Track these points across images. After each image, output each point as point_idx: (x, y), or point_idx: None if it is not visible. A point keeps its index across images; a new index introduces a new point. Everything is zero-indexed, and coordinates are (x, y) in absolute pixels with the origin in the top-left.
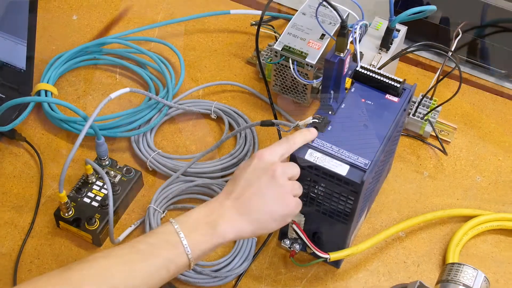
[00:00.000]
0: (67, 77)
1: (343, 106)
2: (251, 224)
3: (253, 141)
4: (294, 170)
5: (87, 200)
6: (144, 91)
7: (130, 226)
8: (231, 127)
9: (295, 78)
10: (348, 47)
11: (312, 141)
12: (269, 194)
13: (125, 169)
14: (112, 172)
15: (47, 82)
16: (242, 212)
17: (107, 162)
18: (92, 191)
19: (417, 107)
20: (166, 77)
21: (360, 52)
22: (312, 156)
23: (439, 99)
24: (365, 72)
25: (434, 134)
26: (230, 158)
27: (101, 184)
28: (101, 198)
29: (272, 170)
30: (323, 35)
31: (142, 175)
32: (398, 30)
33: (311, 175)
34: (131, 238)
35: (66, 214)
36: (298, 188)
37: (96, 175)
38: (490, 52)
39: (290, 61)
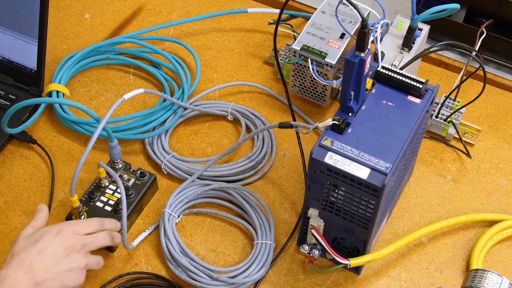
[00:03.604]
0: (79, 78)
1: (363, 107)
2: None
3: (271, 144)
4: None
5: (100, 204)
6: (159, 92)
7: (144, 231)
8: (248, 129)
9: (314, 78)
10: (369, 47)
11: (332, 144)
12: None
13: (139, 172)
14: (125, 176)
15: (59, 83)
16: None
17: (120, 165)
18: (105, 195)
19: (440, 109)
20: (182, 78)
21: (381, 52)
22: (331, 159)
23: (462, 100)
24: (387, 72)
25: (458, 137)
26: (248, 161)
27: (114, 188)
28: (114, 202)
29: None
30: (343, 34)
31: (156, 178)
32: (421, 29)
33: (330, 179)
34: (145, 244)
35: (78, 219)
36: None
37: (109, 179)
38: None
39: (309, 61)
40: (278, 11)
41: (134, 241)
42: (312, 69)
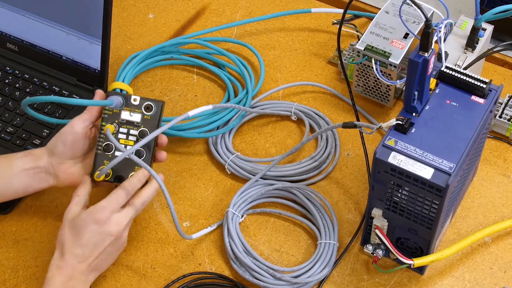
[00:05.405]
0: (143, 78)
1: (427, 107)
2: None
3: (335, 144)
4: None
5: (119, 154)
6: (224, 104)
7: (206, 228)
8: (312, 129)
9: (378, 78)
10: (432, 47)
11: (396, 144)
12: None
13: (144, 106)
14: (130, 113)
15: (123, 82)
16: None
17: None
18: (120, 142)
19: (503, 109)
20: (246, 79)
21: (445, 52)
22: (395, 159)
23: None
24: (450, 72)
25: None
26: (311, 161)
27: (125, 130)
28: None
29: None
30: (406, 34)
31: (164, 104)
32: (484, 29)
33: (394, 179)
34: (209, 244)
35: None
36: None
37: (117, 121)
38: None
39: (373, 61)
40: (341, 11)
41: (194, 234)
42: (376, 69)
